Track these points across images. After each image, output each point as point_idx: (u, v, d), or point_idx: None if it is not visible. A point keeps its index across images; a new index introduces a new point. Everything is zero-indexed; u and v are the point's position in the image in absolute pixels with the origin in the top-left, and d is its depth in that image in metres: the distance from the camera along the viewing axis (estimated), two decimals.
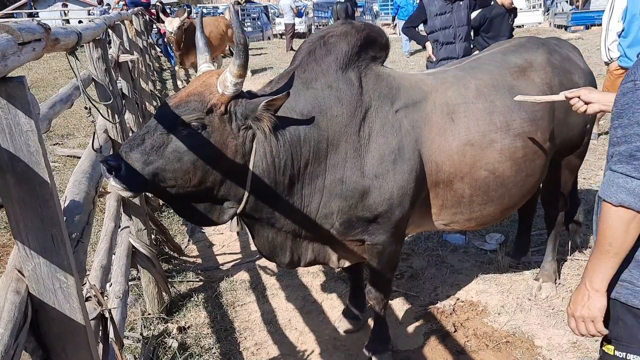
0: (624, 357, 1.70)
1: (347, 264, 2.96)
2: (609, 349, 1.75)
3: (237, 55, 2.23)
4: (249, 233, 2.80)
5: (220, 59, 12.54)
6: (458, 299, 3.72)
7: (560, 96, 2.41)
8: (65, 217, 1.86)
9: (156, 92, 10.79)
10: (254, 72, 14.13)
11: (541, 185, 3.44)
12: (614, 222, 1.57)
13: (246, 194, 2.42)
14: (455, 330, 3.38)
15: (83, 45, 2.85)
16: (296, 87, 2.53)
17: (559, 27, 23.15)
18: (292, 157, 2.47)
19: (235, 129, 2.34)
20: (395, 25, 15.40)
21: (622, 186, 1.54)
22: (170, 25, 10.77)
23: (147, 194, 4.31)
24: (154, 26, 13.42)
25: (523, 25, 24.75)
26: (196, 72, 9.50)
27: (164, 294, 3.72)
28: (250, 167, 2.39)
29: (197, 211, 2.47)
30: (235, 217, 2.56)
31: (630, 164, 1.53)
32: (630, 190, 1.53)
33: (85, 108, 2.11)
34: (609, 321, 1.74)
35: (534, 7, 26.84)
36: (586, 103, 2.22)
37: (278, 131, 2.41)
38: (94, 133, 2.21)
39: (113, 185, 2.25)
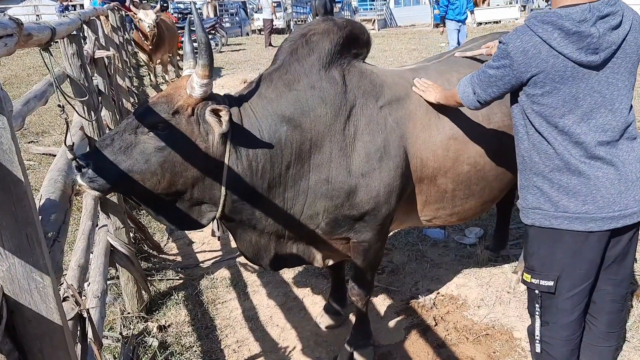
0: (538, 282, 2.21)
1: (331, 262, 2.96)
2: (527, 277, 2.26)
3: (200, 55, 2.19)
4: (230, 235, 2.77)
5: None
6: (438, 293, 3.75)
7: (481, 51, 3.04)
8: (40, 216, 1.83)
9: (133, 89, 10.65)
10: (232, 66, 14.05)
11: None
12: (450, 96, 2.48)
13: (222, 197, 2.40)
14: (436, 324, 3.41)
15: (57, 41, 2.80)
16: (278, 89, 2.50)
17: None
18: (272, 160, 2.44)
19: (203, 132, 2.31)
20: (443, 28, 12.07)
21: (466, 81, 2.30)
22: (147, 17, 10.55)
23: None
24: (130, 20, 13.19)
25: (500, 21, 25.02)
26: (166, 69, 9.39)
27: (143, 292, 3.68)
28: (224, 170, 2.36)
29: (174, 214, 2.44)
30: (216, 221, 2.54)
31: (477, 75, 2.21)
32: (464, 88, 2.29)
33: (59, 106, 2.06)
34: (527, 253, 2.28)
35: (510, 3, 27.15)
36: None
37: (254, 135, 2.39)
38: (67, 129, 2.17)
39: (80, 184, 2.24)
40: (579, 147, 2.00)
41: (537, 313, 2.25)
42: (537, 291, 2.22)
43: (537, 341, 2.28)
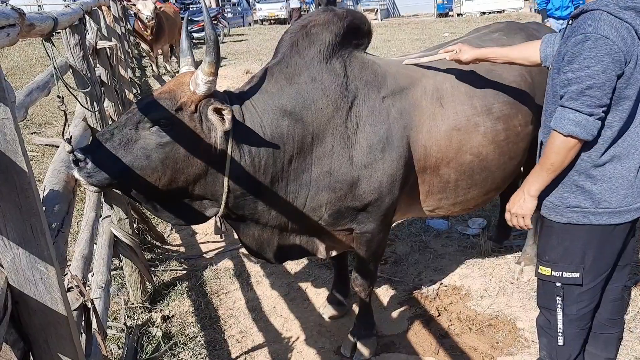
0: (560, 275, 2.15)
1: (334, 253, 2.96)
2: (546, 271, 2.19)
3: (208, 52, 2.15)
4: (234, 231, 2.76)
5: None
6: (441, 283, 3.75)
7: (443, 55, 2.76)
8: (44, 207, 1.83)
9: (136, 80, 10.65)
10: (234, 57, 14.01)
11: (522, 169, 3.47)
12: (560, 148, 1.98)
13: (224, 194, 2.38)
14: (439, 315, 3.41)
15: (60, 32, 2.79)
16: (279, 83, 2.49)
17: (539, 11, 23.29)
18: (274, 155, 2.42)
19: (206, 129, 2.28)
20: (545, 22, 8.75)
21: (572, 119, 1.91)
22: (146, 8, 10.53)
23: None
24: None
25: (504, 11, 24.90)
26: (167, 60, 9.39)
27: (147, 283, 3.70)
28: (227, 167, 2.34)
29: (174, 210, 2.42)
30: (219, 218, 2.52)
31: (580, 100, 1.89)
32: (577, 123, 1.90)
33: (58, 97, 2.04)
34: (547, 247, 2.19)
35: None
36: (464, 62, 2.70)
37: (256, 131, 2.38)
38: (65, 121, 2.15)
39: (77, 178, 2.20)
40: (627, 138, 1.98)
41: (559, 306, 2.21)
42: (558, 284, 2.18)
43: (560, 334, 2.25)
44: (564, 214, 2.12)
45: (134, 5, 10.82)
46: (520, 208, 2.19)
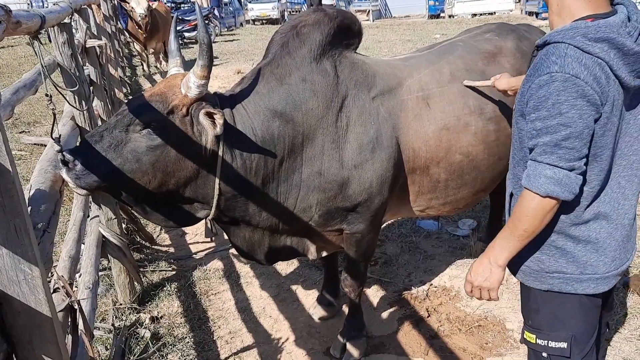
0: (546, 344, 1.82)
1: (325, 253, 2.96)
2: (531, 337, 1.86)
3: (201, 55, 2.13)
4: (224, 233, 2.75)
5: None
6: (431, 284, 3.76)
7: (489, 82, 2.72)
8: (30, 207, 1.82)
9: (126, 79, 10.59)
10: (225, 57, 13.99)
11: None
12: (536, 212, 1.64)
13: (216, 196, 2.36)
14: (429, 315, 3.42)
15: (47, 30, 2.76)
16: (270, 84, 2.47)
17: (530, 13, 23.46)
18: (265, 157, 2.42)
19: (197, 132, 2.26)
20: None
21: (550, 177, 1.58)
22: (140, 6, 10.52)
23: None
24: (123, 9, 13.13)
25: (495, 12, 25.04)
26: (158, 59, 9.32)
27: (135, 283, 3.67)
28: (218, 169, 2.32)
29: (164, 213, 2.41)
30: (209, 221, 2.50)
31: (556, 154, 1.57)
32: (557, 181, 1.58)
33: (46, 95, 2.02)
34: (529, 310, 1.89)
35: None
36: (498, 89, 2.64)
37: (247, 133, 2.37)
38: (54, 121, 2.12)
39: (65, 179, 2.17)
40: (609, 191, 1.70)
41: None
42: (544, 354, 1.84)
43: None
44: (543, 280, 1.81)
45: (128, 3, 10.79)
46: (486, 281, 1.83)
